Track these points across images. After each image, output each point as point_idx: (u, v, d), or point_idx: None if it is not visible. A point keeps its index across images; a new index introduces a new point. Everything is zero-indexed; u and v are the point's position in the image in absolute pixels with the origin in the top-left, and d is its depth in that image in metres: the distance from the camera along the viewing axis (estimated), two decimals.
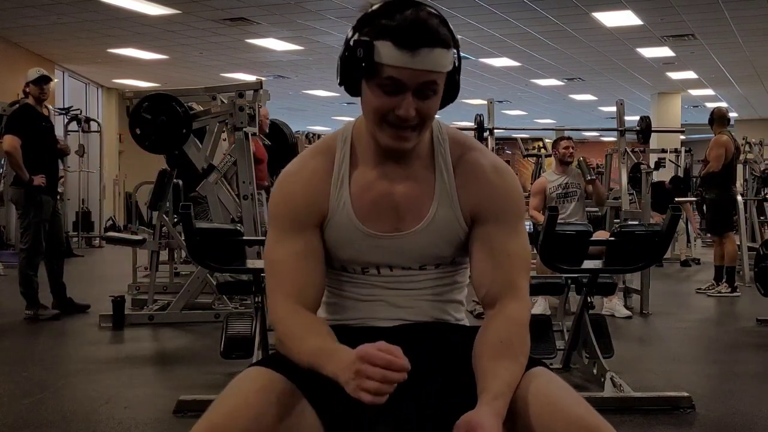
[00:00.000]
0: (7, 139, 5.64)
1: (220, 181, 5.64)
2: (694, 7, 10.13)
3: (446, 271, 1.53)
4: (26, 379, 4.00)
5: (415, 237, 1.47)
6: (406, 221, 1.46)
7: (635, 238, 3.61)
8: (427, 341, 1.45)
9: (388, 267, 1.49)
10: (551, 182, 6.23)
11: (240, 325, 3.92)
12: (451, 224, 1.47)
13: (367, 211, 1.46)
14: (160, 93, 5.66)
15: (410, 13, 1.34)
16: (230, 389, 1.34)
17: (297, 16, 10.66)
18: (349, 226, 1.46)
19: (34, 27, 11.51)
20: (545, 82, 16.60)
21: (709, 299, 6.91)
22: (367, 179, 1.47)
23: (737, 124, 22.55)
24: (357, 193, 1.46)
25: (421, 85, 1.36)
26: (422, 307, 1.50)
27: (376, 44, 1.34)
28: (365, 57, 1.34)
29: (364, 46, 1.35)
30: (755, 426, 3.28)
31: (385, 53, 1.33)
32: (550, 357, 3.98)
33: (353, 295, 1.52)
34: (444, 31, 1.36)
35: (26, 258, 5.67)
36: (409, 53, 1.32)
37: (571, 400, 1.29)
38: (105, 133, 13.75)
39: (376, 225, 1.46)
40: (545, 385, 1.32)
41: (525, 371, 1.36)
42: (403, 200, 1.46)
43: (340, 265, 1.51)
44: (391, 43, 1.33)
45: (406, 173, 1.47)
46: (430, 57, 1.34)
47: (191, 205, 3.50)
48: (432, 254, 1.49)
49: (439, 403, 1.36)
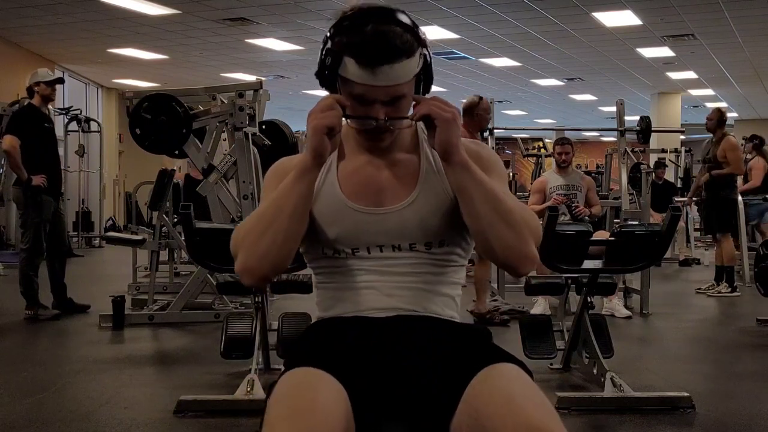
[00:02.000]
0: (6, 139, 5.65)
1: (220, 181, 5.65)
2: (694, 7, 10.14)
3: (438, 257, 1.52)
4: (26, 379, 4.00)
5: (403, 212, 1.49)
6: (393, 199, 1.50)
7: (635, 238, 3.61)
8: (419, 334, 1.45)
9: (378, 247, 1.49)
10: (552, 183, 6.23)
11: (240, 325, 3.92)
12: (439, 199, 1.49)
13: (353, 190, 1.50)
14: (160, 93, 5.67)
15: (371, 28, 1.37)
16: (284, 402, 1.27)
17: (297, 16, 10.66)
18: (336, 201, 1.50)
19: (34, 27, 11.51)
20: (545, 82, 16.61)
21: (709, 299, 6.92)
22: (354, 165, 1.52)
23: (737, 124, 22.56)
24: (344, 176, 1.52)
25: (387, 96, 1.41)
26: (414, 296, 1.50)
27: (343, 58, 1.39)
28: (331, 68, 1.41)
29: (332, 56, 1.41)
30: (755, 426, 3.28)
31: (349, 69, 1.39)
32: (550, 357, 3.98)
33: (344, 285, 1.52)
34: (406, 38, 1.39)
35: (27, 258, 5.67)
36: (370, 71, 1.37)
37: (528, 402, 1.25)
38: (105, 133, 13.76)
39: (363, 202, 1.49)
40: (506, 384, 1.29)
41: (490, 366, 1.33)
42: (389, 182, 1.51)
43: (331, 249, 1.51)
44: (354, 60, 1.38)
45: (391, 160, 1.52)
46: (392, 73, 1.38)
47: (191, 205, 3.50)
48: (422, 230, 1.49)
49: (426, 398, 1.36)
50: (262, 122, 6.17)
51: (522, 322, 4.09)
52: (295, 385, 1.30)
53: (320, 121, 1.39)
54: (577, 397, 3.48)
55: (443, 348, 1.43)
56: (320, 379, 1.31)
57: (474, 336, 1.50)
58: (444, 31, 11.47)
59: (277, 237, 1.41)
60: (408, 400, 1.36)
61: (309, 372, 1.32)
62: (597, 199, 6.49)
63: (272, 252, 1.42)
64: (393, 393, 1.37)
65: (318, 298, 1.58)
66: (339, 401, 1.28)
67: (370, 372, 1.38)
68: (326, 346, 1.43)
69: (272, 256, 1.43)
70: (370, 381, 1.36)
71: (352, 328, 1.45)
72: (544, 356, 3.92)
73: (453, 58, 13.59)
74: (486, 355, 1.38)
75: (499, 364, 1.34)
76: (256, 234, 1.43)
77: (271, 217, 1.43)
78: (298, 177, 1.42)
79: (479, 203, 1.41)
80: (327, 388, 1.29)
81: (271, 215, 1.43)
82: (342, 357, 1.39)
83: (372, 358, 1.40)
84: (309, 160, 1.41)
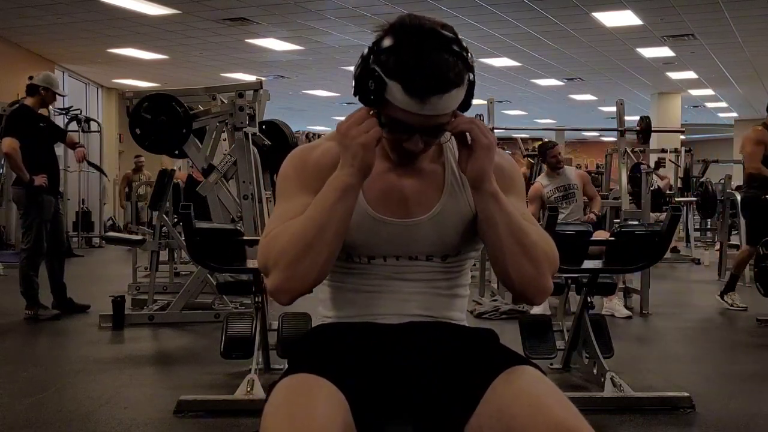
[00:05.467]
0: (6, 141, 5.65)
1: (221, 181, 5.65)
2: (694, 7, 10.13)
3: (452, 265, 1.51)
4: (26, 379, 4.00)
5: (422, 226, 1.46)
6: (416, 210, 1.46)
7: (635, 238, 3.61)
8: (430, 340, 1.45)
9: (394, 257, 1.47)
10: (547, 187, 6.23)
11: (240, 325, 3.91)
12: (462, 212, 1.47)
13: (376, 197, 1.45)
14: (160, 93, 5.67)
15: (422, 54, 1.29)
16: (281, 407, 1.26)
17: (297, 16, 10.66)
18: (358, 209, 1.43)
19: (34, 27, 11.51)
20: (545, 82, 16.61)
21: (709, 299, 6.91)
22: (378, 170, 1.44)
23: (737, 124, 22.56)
24: (366, 182, 1.41)
25: (430, 127, 1.36)
26: (426, 300, 1.48)
27: (388, 82, 1.31)
28: (376, 91, 1.33)
29: (375, 79, 1.33)
30: (755, 426, 3.28)
31: (394, 95, 1.31)
32: (550, 357, 3.98)
33: (355, 287, 1.49)
34: (459, 68, 1.31)
35: (27, 258, 5.67)
36: (419, 101, 1.30)
37: (555, 402, 1.26)
38: (105, 133, 13.74)
39: (385, 211, 1.45)
40: (530, 384, 1.30)
41: (512, 368, 1.34)
42: (412, 192, 1.46)
43: (346, 254, 1.47)
44: (401, 87, 1.30)
45: (415, 168, 1.48)
46: (441, 103, 1.32)
47: (191, 205, 3.50)
48: (441, 244, 1.48)
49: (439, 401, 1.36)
50: (262, 122, 6.18)
51: (522, 322, 4.09)
52: (293, 393, 1.28)
53: (370, 135, 1.33)
54: (577, 397, 3.47)
55: (455, 352, 1.42)
56: (319, 387, 1.28)
57: (484, 339, 1.50)
58: None
59: (320, 258, 1.35)
60: (420, 405, 1.36)
61: (308, 379, 1.30)
62: (594, 191, 6.50)
63: (314, 272, 1.36)
64: (403, 398, 1.36)
65: (323, 296, 1.55)
66: (337, 412, 1.26)
67: (379, 378, 1.37)
68: (331, 352, 1.41)
69: (314, 275, 1.37)
70: (379, 387, 1.35)
71: (361, 334, 1.42)
72: (544, 356, 3.92)
73: None
74: (504, 358, 1.38)
75: (519, 366, 1.34)
76: (295, 255, 1.35)
77: (312, 237, 1.34)
78: (342, 196, 1.34)
79: (504, 235, 1.39)
80: (325, 397, 1.27)
81: (312, 236, 1.34)
82: (349, 364, 1.37)
83: (382, 365, 1.38)
84: (355, 178, 1.35)
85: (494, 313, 5.69)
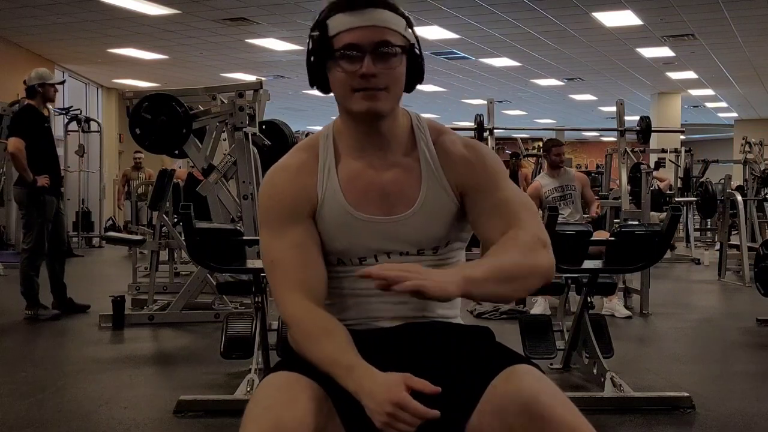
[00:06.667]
0: (11, 142, 5.66)
1: (220, 181, 5.65)
2: (694, 7, 10.14)
3: (444, 257, 1.52)
4: (26, 379, 4.00)
5: (409, 220, 1.48)
6: (398, 207, 1.48)
7: (635, 238, 3.61)
8: (427, 341, 1.45)
9: (385, 254, 1.49)
10: (546, 186, 6.23)
11: (240, 325, 3.91)
12: (442, 202, 1.49)
13: (357, 197, 1.47)
14: (160, 93, 5.67)
15: None
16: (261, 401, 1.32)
17: (297, 16, 10.66)
18: (342, 212, 1.46)
19: (34, 27, 11.51)
20: (545, 82, 16.61)
21: (709, 299, 6.91)
22: (354, 169, 1.48)
23: (737, 124, 22.57)
24: (345, 182, 1.48)
25: (376, 44, 1.40)
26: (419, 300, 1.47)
27: (329, 22, 1.43)
28: (321, 37, 1.43)
29: (319, 28, 1.44)
30: (755, 426, 3.28)
31: (337, 23, 1.42)
32: (550, 357, 3.98)
33: (351, 291, 1.50)
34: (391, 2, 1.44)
35: (28, 258, 5.67)
36: (358, 13, 1.40)
37: (555, 401, 1.27)
38: (105, 133, 13.75)
39: (368, 210, 1.47)
40: (530, 383, 1.30)
41: (511, 367, 1.35)
42: (392, 187, 1.48)
43: (337, 259, 1.50)
44: (341, 13, 1.42)
45: (390, 162, 1.49)
46: (378, 15, 1.41)
47: (191, 205, 3.50)
48: (428, 236, 1.49)
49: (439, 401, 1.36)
50: (262, 122, 6.17)
51: (522, 321, 4.09)
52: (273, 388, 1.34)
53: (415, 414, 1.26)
54: (577, 397, 3.47)
55: (453, 352, 1.43)
56: (299, 383, 1.33)
57: (481, 337, 1.51)
58: (444, 31, 11.47)
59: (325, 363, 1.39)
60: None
61: (289, 377, 1.35)
62: (593, 195, 6.48)
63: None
64: None
65: None
66: (317, 406, 1.30)
67: None
68: None
69: None
70: None
71: (358, 340, 1.43)
72: (544, 356, 3.92)
73: (453, 58, 13.59)
74: (504, 357, 1.39)
75: (519, 366, 1.35)
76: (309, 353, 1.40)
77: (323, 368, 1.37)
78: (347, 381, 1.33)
79: (492, 294, 1.41)
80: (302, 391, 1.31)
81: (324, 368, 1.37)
82: None
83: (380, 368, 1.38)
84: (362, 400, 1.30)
85: (494, 312, 5.71)
